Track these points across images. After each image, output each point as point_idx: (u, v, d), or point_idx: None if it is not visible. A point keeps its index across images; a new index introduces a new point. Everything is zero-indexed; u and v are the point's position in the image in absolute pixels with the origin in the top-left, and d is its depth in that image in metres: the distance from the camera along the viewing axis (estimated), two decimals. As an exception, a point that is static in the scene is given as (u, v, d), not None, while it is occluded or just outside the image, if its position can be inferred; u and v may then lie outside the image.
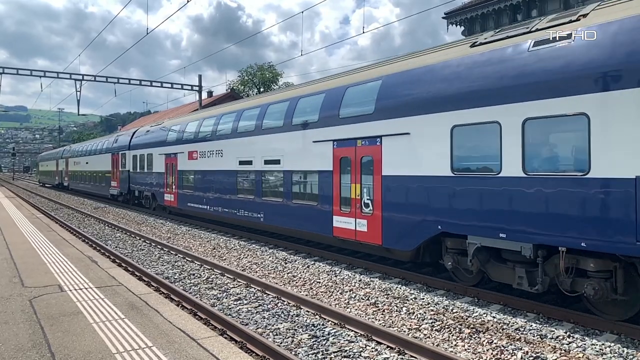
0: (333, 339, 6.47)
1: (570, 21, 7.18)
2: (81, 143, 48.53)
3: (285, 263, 11.54)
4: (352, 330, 6.76)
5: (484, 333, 6.63)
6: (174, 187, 20.02)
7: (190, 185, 18.71)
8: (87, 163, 35.92)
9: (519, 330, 6.75)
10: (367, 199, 10.14)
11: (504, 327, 6.89)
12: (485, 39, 8.45)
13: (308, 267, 11.09)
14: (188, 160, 18.78)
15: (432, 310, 7.68)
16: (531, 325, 6.89)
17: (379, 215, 9.83)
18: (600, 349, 6.04)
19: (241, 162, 14.97)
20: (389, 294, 8.68)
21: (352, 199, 10.55)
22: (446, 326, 6.95)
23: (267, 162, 13.60)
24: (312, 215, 11.84)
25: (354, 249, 11.27)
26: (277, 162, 13.14)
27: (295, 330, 6.85)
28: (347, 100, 10.91)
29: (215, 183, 16.71)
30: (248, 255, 12.70)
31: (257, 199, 14.20)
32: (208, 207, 17.20)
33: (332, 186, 11.15)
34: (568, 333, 6.55)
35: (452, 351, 6.06)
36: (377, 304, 8.12)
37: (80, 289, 7.47)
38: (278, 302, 8.22)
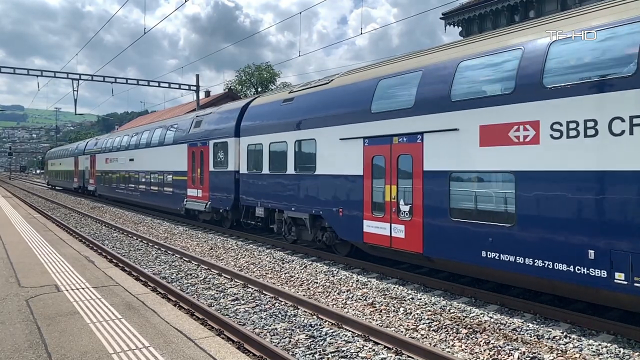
0: (330, 339, 6.47)
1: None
2: (115, 133, 35.55)
3: (283, 263, 11.54)
4: (350, 331, 6.76)
5: (481, 333, 6.64)
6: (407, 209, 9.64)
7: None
8: (131, 160, 25.14)
9: (516, 330, 6.76)
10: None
11: (501, 327, 6.90)
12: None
13: (305, 267, 11.08)
14: None
15: (429, 311, 7.69)
16: (528, 326, 6.91)
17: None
18: (596, 349, 6.06)
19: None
20: (386, 294, 8.69)
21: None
22: (443, 326, 6.96)
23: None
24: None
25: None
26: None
27: (293, 330, 6.85)
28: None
29: None
30: (245, 255, 12.68)
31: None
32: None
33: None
34: (565, 333, 6.57)
35: (449, 351, 6.07)
36: (375, 304, 8.13)
37: (77, 289, 7.45)
38: (275, 302, 8.22)
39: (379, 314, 7.60)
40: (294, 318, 7.39)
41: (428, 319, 7.30)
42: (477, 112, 7.95)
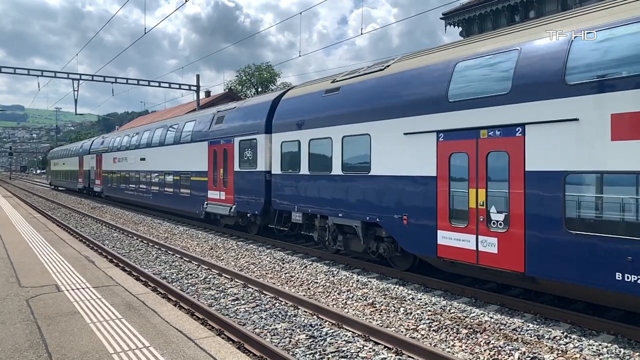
0: (330, 339, 6.48)
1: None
2: (123, 131, 33.56)
3: (283, 263, 11.54)
4: (350, 331, 6.76)
5: (481, 333, 6.64)
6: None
7: None
8: (142, 160, 23.54)
9: (517, 330, 6.76)
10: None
11: (502, 327, 6.90)
12: None
13: (305, 267, 11.08)
14: None
15: (429, 311, 7.69)
16: (528, 326, 6.91)
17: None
18: (597, 349, 6.05)
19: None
20: (386, 294, 8.69)
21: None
22: (443, 326, 6.96)
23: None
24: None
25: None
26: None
27: (293, 330, 6.85)
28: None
29: None
30: (245, 255, 12.68)
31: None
32: None
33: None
34: (565, 333, 6.57)
35: (449, 351, 6.07)
36: (375, 304, 8.13)
37: (78, 289, 7.45)
38: (275, 302, 8.22)
39: (379, 314, 7.60)
40: (294, 318, 7.39)
41: (428, 319, 7.30)
42: (608, 98, 6.36)
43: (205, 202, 16.92)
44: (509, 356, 5.88)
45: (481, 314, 7.49)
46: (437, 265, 9.17)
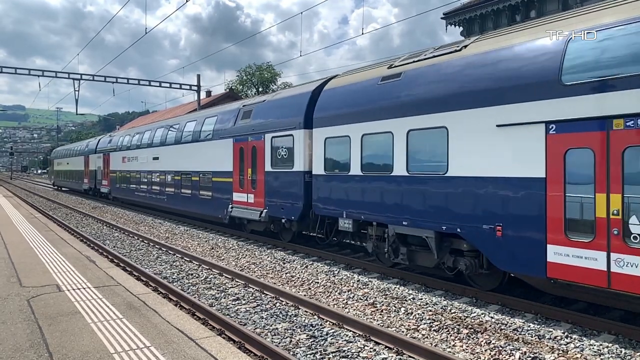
0: (331, 339, 6.48)
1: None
2: (133, 128, 31.38)
3: (284, 263, 11.54)
4: (351, 331, 6.76)
5: (482, 333, 6.64)
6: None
7: None
8: (155, 159, 22.00)
9: (517, 330, 6.76)
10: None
11: (502, 327, 6.90)
12: None
13: (306, 267, 11.08)
14: None
15: (430, 311, 7.69)
16: (529, 326, 6.90)
17: None
18: (598, 349, 6.05)
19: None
20: (387, 294, 8.68)
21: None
22: (444, 326, 6.96)
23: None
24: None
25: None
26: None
27: (294, 330, 6.85)
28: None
29: None
30: (246, 255, 12.69)
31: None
32: None
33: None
34: (566, 333, 6.57)
35: (450, 351, 6.07)
36: (376, 304, 8.12)
37: (79, 289, 7.46)
38: (276, 302, 8.22)
39: (380, 314, 7.60)
40: (295, 318, 7.39)
41: (429, 319, 7.30)
42: None
43: (230, 206, 15.43)
44: (510, 356, 5.88)
45: (482, 313, 7.49)
46: (542, 288, 7.61)
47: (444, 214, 8.54)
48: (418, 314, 7.54)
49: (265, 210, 13.64)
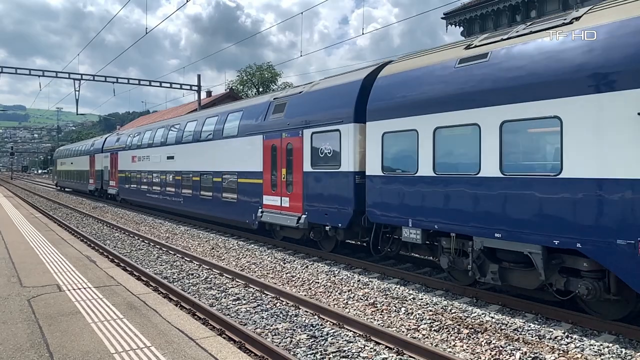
0: (332, 339, 6.48)
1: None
2: (144, 125, 29.39)
3: (284, 263, 11.54)
4: (351, 331, 6.76)
5: (482, 333, 6.64)
6: None
7: None
8: (169, 158, 20.41)
9: (518, 330, 6.76)
10: None
11: (503, 327, 6.89)
12: None
13: (307, 267, 11.08)
14: None
15: (430, 311, 7.69)
16: (530, 326, 6.90)
17: None
18: (598, 349, 6.05)
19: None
20: (387, 294, 8.68)
21: None
22: (445, 326, 6.95)
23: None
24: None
25: None
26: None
27: (294, 330, 6.85)
28: None
29: None
30: (247, 255, 12.69)
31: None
32: None
33: None
34: (566, 333, 6.56)
35: (450, 351, 6.06)
36: (376, 304, 8.13)
37: (79, 289, 7.46)
38: (277, 302, 8.22)
39: (380, 314, 7.60)
40: (295, 318, 7.39)
41: (429, 319, 7.30)
42: None
43: (260, 210, 13.89)
44: (510, 356, 5.88)
45: (482, 314, 7.49)
46: None
47: (555, 225, 6.87)
48: (418, 314, 7.54)
49: (304, 216, 12.13)
